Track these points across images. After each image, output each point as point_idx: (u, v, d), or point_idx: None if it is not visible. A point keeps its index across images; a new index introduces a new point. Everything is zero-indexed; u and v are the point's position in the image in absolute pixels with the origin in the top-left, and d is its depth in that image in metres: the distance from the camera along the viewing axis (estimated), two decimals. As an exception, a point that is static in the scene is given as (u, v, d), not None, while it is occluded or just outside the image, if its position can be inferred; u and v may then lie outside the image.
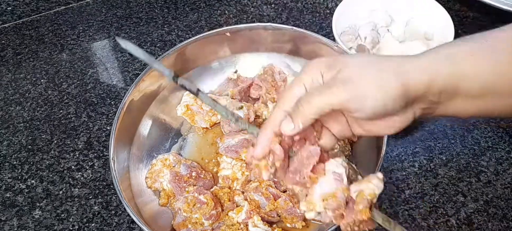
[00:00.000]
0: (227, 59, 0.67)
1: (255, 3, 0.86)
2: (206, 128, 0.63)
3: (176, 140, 0.63)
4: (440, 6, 0.68)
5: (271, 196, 0.53)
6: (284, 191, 0.54)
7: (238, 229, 0.52)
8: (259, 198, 0.54)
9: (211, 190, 0.56)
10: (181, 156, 0.61)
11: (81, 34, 0.83)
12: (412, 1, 0.71)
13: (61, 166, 0.64)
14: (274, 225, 0.53)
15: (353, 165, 0.53)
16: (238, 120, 0.45)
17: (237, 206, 0.54)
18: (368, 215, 0.39)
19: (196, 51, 0.65)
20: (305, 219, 0.53)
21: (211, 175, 0.59)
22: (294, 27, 0.63)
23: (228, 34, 0.64)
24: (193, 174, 0.57)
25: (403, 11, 0.72)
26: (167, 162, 0.58)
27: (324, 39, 0.61)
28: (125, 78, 0.75)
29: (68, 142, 0.67)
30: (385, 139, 0.50)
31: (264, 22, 0.82)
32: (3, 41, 0.84)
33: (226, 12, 0.85)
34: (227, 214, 0.53)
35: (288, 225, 0.54)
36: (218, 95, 0.64)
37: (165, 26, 0.83)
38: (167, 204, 0.56)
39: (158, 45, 0.80)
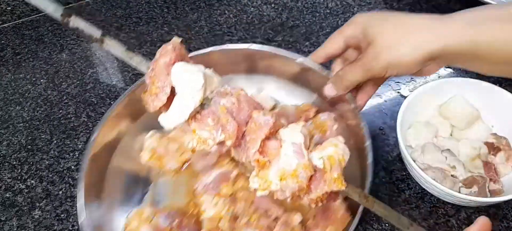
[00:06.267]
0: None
1: (255, 3, 0.86)
2: (178, 168, 0.58)
3: (146, 189, 0.57)
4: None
5: (265, 225, 0.50)
6: (276, 219, 0.50)
7: None
8: None
9: None
10: (157, 205, 0.56)
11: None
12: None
13: (61, 166, 0.64)
14: None
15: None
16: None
17: None
18: (344, 184, 0.33)
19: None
20: None
21: (194, 219, 0.53)
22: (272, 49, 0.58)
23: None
24: (174, 223, 0.52)
25: None
26: (142, 216, 0.53)
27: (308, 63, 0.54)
28: (125, 78, 0.75)
29: (68, 142, 0.67)
30: (369, 147, 0.47)
31: (264, 21, 0.81)
32: (2, 41, 0.84)
33: (226, 12, 0.85)
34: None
35: None
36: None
37: (165, 26, 0.83)
38: None
39: (158, 45, 0.79)
